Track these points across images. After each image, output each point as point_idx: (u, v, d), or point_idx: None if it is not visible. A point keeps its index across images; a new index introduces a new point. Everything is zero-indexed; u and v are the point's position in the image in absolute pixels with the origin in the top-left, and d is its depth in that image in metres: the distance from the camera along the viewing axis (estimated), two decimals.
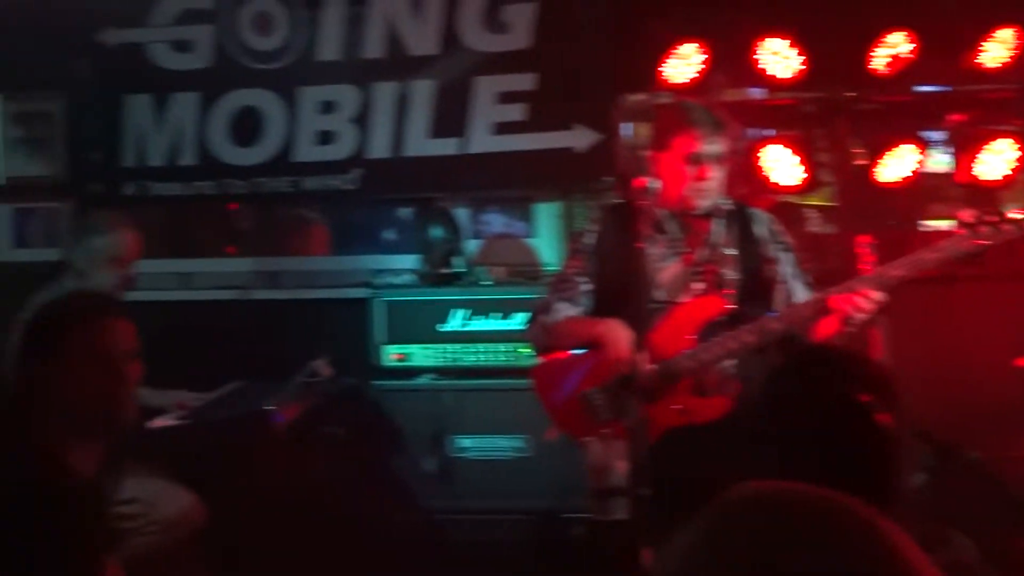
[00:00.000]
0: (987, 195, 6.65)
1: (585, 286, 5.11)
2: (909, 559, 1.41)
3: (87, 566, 3.30)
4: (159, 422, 5.73)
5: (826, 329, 4.77)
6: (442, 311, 6.34)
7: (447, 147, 6.88)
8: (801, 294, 4.98)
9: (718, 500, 1.50)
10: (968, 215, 4.70)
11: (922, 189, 7.60)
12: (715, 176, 4.89)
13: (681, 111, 5.03)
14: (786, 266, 5.03)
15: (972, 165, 6.42)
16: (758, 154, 6.47)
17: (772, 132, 6.61)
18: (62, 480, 3.30)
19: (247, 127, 7.09)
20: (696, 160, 4.83)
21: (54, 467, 3.32)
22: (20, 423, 3.46)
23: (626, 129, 7.16)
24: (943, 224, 7.34)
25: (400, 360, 6.38)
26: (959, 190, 7.08)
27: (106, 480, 3.59)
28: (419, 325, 6.38)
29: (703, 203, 4.93)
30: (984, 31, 6.28)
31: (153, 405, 6.00)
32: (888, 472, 2.49)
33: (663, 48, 6.45)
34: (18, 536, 3.19)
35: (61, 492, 3.26)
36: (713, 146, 4.86)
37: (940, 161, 7.51)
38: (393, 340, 6.39)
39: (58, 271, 6.31)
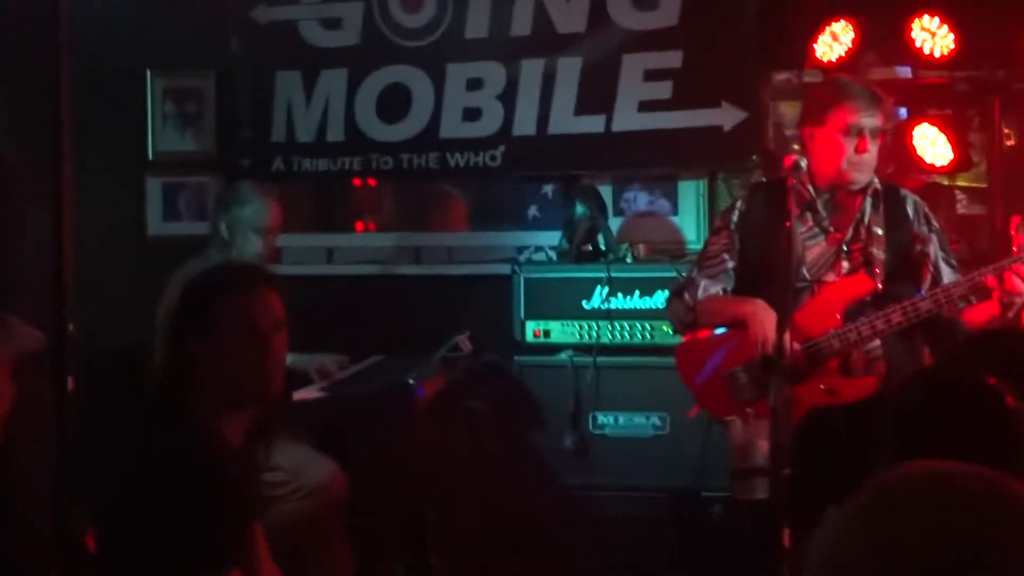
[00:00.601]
0: None
1: (730, 264, 5.08)
2: None
3: (237, 533, 3.36)
4: (302, 394, 5.80)
5: (981, 311, 4.70)
6: (583, 288, 6.32)
7: (592, 125, 6.84)
8: (948, 275, 4.91)
9: (875, 482, 1.46)
10: None
11: None
12: (872, 150, 4.84)
13: (838, 86, 4.99)
14: (934, 247, 4.96)
15: None
16: (908, 133, 6.37)
17: (923, 111, 6.50)
18: (214, 449, 3.36)
19: (394, 103, 7.12)
20: (856, 132, 4.79)
21: (206, 436, 3.38)
22: (174, 393, 3.53)
23: (776, 107, 7.09)
24: None
25: (540, 336, 6.38)
26: None
27: (256, 449, 3.64)
28: (560, 302, 6.37)
29: (861, 177, 4.87)
30: None
31: (296, 368, 6.10)
32: (1011, 458, 2.45)
33: (813, 25, 6.37)
34: (172, 503, 3.26)
35: (213, 461, 3.32)
36: (872, 119, 4.82)
37: None
38: (534, 316, 6.40)
39: (205, 243, 6.43)
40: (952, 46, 6.20)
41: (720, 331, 5.03)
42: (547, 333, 6.37)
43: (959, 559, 1.33)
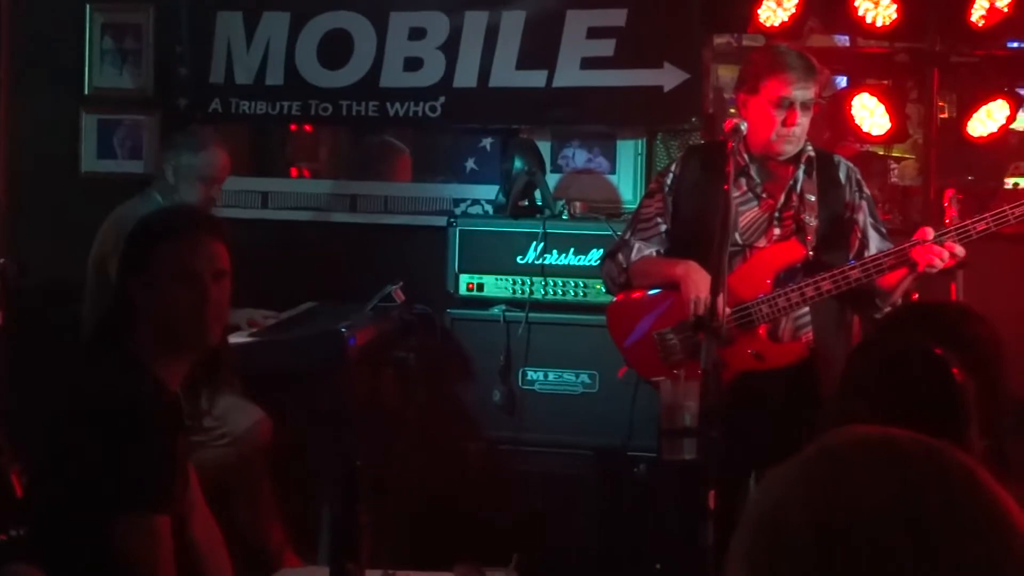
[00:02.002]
0: None
1: (663, 227, 5.11)
2: (1010, 509, 1.40)
3: (167, 479, 3.36)
4: (232, 339, 5.78)
5: (895, 276, 4.75)
6: (518, 243, 6.32)
7: (534, 79, 6.82)
8: (875, 242, 4.96)
9: (818, 444, 1.48)
10: None
11: (1011, 146, 7.53)
12: (803, 122, 4.86)
13: (773, 54, 5.00)
14: (863, 214, 5.01)
15: None
16: (847, 102, 6.40)
17: (862, 81, 6.54)
18: (148, 394, 3.35)
19: (335, 49, 7.06)
20: (786, 104, 4.81)
21: (141, 380, 3.37)
22: (112, 335, 3.51)
23: (716, 70, 7.11)
24: None
25: (473, 290, 6.38)
26: None
27: (197, 397, 3.63)
28: (495, 256, 6.36)
29: (789, 148, 4.91)
30: None
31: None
32: (956, 429, 2.49)
33: None
34: (101, 446, 3.25)
35: (146, 405, 3.32)
36: (804, 91, 4.84)
37: None
38: (468, 270, 6.39)
39: (146, 183, 6.38)
40: (894, 16, 6.23)
41: (652, 292, 5.06)
42: (480, 287, 6.37)
43: (900, 524, 1.34)
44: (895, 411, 2.42)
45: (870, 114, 6.36)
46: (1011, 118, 6.36)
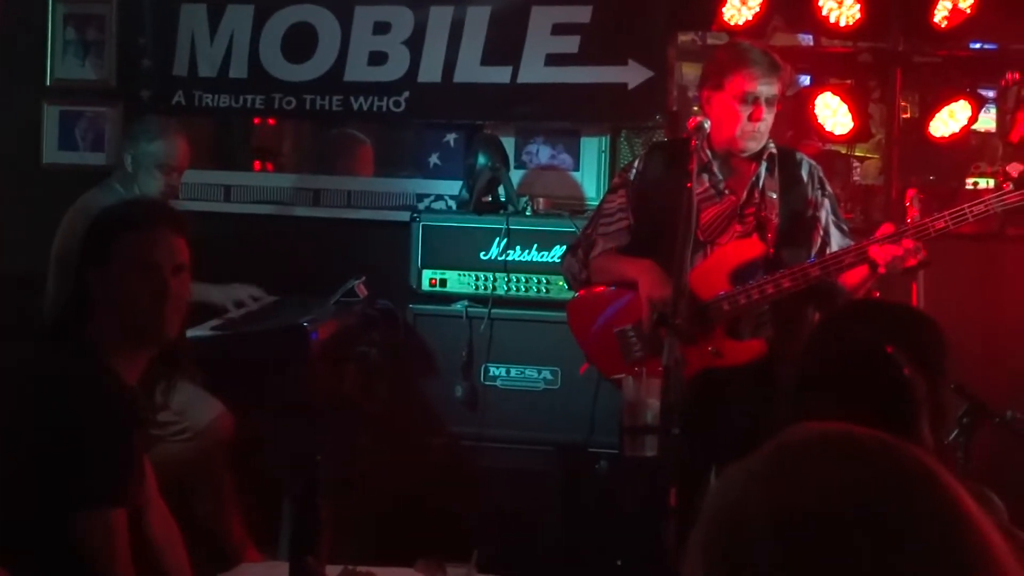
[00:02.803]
0: None
1: (625, 223, 5.11)
2: (965, 503, 1.41)
3: (122, 473, 3.34)
4: (194, 332, 5.76)
5: (855, 273, 4.78)
6: (482, 239, 6.32)
7: (498, 75, 6.83)
8: (837, 240, 4.98)
9: (776, 441, 1.49)
10: (1015, 169, 4.68)
11: (969, 146, 7.56)
12: (767, 118, 4.88)
13: (738, 51, 5.01)
14: (825, 212, 5.03)
15: None
16: (810, 101, 6.42)
17: (825, 80, 6.56)
18: (105, 386, 3.34)
19: (299, 43, 7.05)
20: (751, 100, 4.83)
21: (98, 373, 3.36)
22: (71, 326, 3.50)
23: (680, 68, 7.12)
24: (990, 182, 7.31)
25: (436, 285, 6.38)
26: (1009, 149, 7.03)
27: (153, 391, 3.62)
28: (458, 252, 6.36)
29: (753, 145, 4.93)
30: None
31: (211, 300, 6.08)
32: (906, 425, 2.51)
33: None
34: (57, 438, 3.24)
35: (102, 398, 3.30)
36: (769, 87, 4.85)
37: (992, 119, 7.47)
38: (431, 265, 6.39)
39: (108, 175, 6.35)
40: (857, 16, 6.25)
41: (612, 289, 5.06)
42: (443, 282, 6.37)
43: (857, 519, 1.35)
44: (850, 408, 2.44)
45: (833, 113, 6.38)
46: (973, 119, 6.39)
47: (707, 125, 4.75)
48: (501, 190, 6.53)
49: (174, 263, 3.49)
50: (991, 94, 7.01)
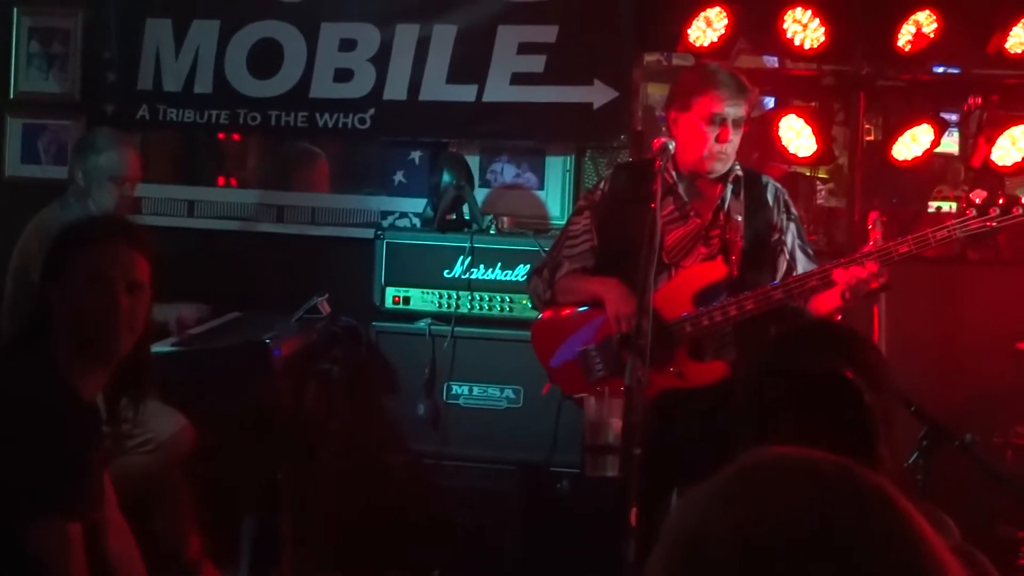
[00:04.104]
0: (997, 180, 6.64)
1: (591, 244, 5.11)
2: (923, 528, 1.42)
3: (78, 487, 3.33)
4: (156, 347, 5.74)
5: (825, 301, 4.79)
6: (445, 257, 6.33)
7: (464, 94, 6.83)
8: (803, 264, 4.99)
9: (736, 464, 1.49)
10: (978, 196, 4.70)
11: (933, 170, 7.61)
12: (734, 140, 4.89)
13: (705, 72, 5.03)
14: (791, 236, 5.04)
15: (987, 149, 6.39)
16: (774, 123, 6.45)
17: (789, 102, 6.59)
18: (62, 402, 3.32)
19: (265, 59, 7.03)
20: (719, 121, 4.83)
21: (56, 388, 3.34)
22: (30, 341, 3.48)
23: (645, 89, 7.14)
24: (952, 205, 7.36)
25: (399, 303, 6.38)
26: (971, 173, 7.08)
27: (117, 408, 3.61)
28: (421, 269, 6.37)
29: (719, 167, 4.93)
30: (1010, 16, 6.24)
31: (154, 319, 6.03)
32: (867, 449, 2.52)
33: (688, 9, 6.42)
34: (11, 451, 3.22)
35: (59, 413, 3.29)
36: (736, 108, 4.86)
37: (955, 143, 7.52)
38: (394, 282, 6.38)
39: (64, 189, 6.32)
40: (822, 39, 6.29)
41: (576, 310, 5.06)
42: (406, 300, 6.37)
43: (817, 544, 1.35)
44: (810, 432, 2.45)
45: (797, 135, 6.41)
46: (935, 142, 6.42)
47: (672, 146, 4.75)
48: (465, 208, 6.54)
49: (129, 279, 3.47)
50: (954, 118, 7.05)
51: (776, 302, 4.77)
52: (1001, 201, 4.66)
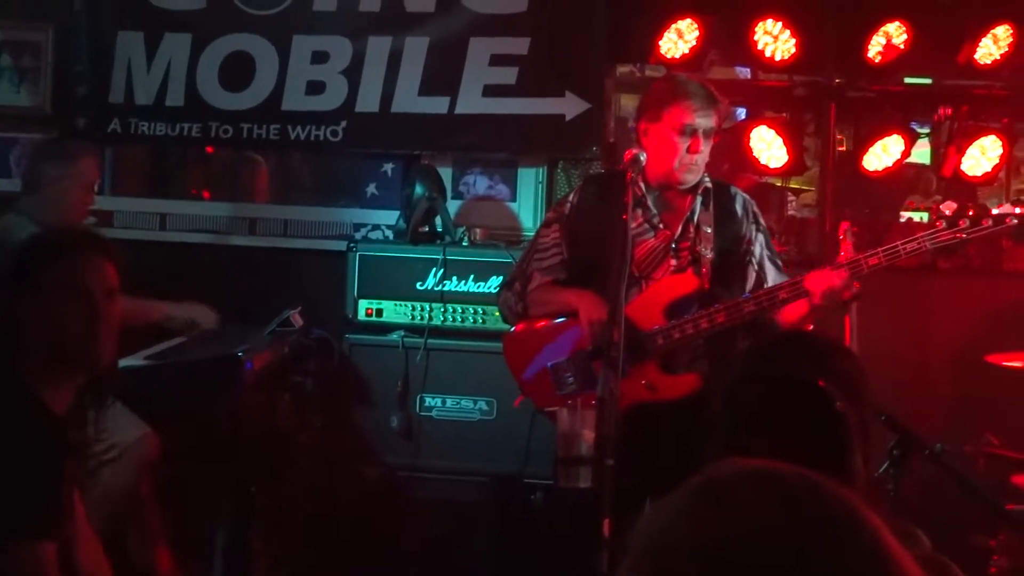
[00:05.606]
0: (968, 189, 6.67)
1: (561, 256, 5.10)
2: (888, 541, 1.42)
3: (51, 506, 3.30)
4: (127, 361, 5.71)
5: (793, 309, 4.80)
6: (418, 269, 6.32)
7: (436, 106, 6.84)
8: (773, 276, 4.99)
9: (703, 476, 1.49)
10: (948, 207, 4.72)
11: (905, 180, 7.64)
12: (705, 151, 4.89)
13: (676, 84, 5.03)
14: (760, 247, 5.04)
15: (957, 159, 6.43)
16: (746, 134, 6.47)
17: (760, 113, 6.61)
18: (32, 418, 3.30)
19: (237, 72, 7.03)
20: (689, 132, 4.83)
21: (25, 404, 3.31)
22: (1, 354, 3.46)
23: (617, 100, 7.16)
24: (924, 216, 7.39)
25: (372, 315, 6.37)
26: (943, 183, 7.11)
27: (83, 419, 3.59)
28: (394, 281, 6.36)
29: (690, 177, 4.93)
30: (979, 27, 6.27)
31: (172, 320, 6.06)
32: (841, 459, 2.52)
33: (659, 21, 6.44)
34: None
35: (29, 430, 3.26)
36: (706, 119, 4.86)
37: (925, 153, 7.55)
38: (367, 295, 6.38)
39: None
40: (793, 51, 6.32)
41: (547, 323, 5.05)
42: (379, 312, 6.36)
43: (782, 558, 1.36)
44: (783, 444, 2.44)
45: (768, 146, 6.43)
46: (906, 153, 6.46)
47: (643, 158, 4.75)
48: (438, 220, 6.54)
49: (105, 287, 3.46)
50: (926, 129, 7.09)
51: (747, 315, 4.77)
52: (971, 213, 4.67)
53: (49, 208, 5.97)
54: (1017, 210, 4.70)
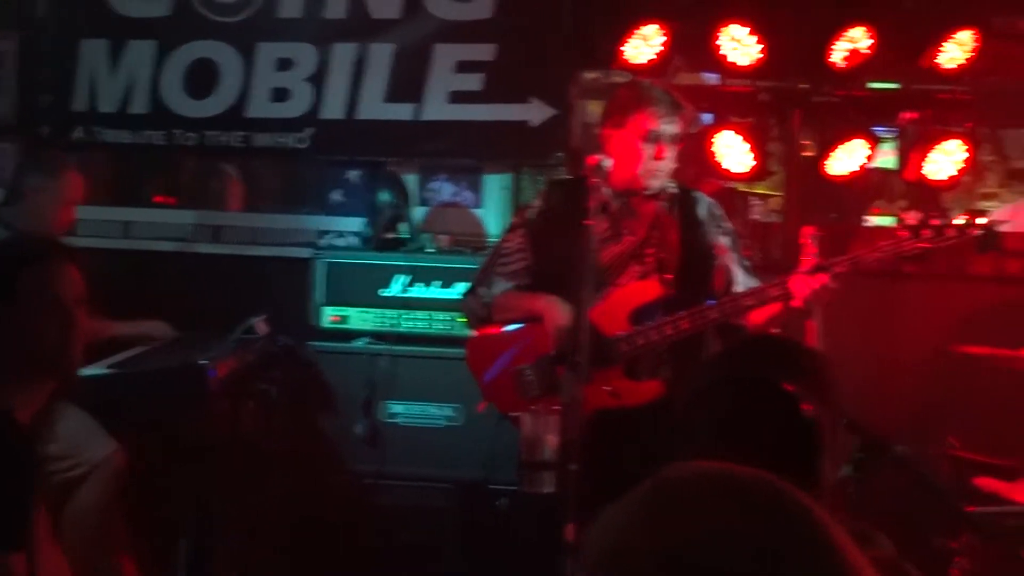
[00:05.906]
0: (932, 194, 6.69)
1: (525, 262, 5.09)
2: (844, 548, 1.42)
3: (20, 516, 3.28)
4: (90, 370, 5.68)
5: (762, 314, 4.80)
6: (383, 276, 6.32)
7: (402, 112, 6.84)
8: (742, 280, 4.99)
9: (657, 478, 1.48)
10: (912, 217, 4.72)
11: (869, 184, 7.66)
12: (669, 157, 4.89)
13: (639, 90, 5.02)
14: (728, 251, 5.04)
15: (921, 164, 6.44)
16: (710, 139, 6.47)
17: (725, 119, 6.61)
18: (4, 426, 3.28)
19: (201, 79, 7.03)
20: (654, 138, 4.83)
21: None
22: None
23: (582, 106, 7.15)
24: (888, 220, 7.40)
25: (337, 322, 6.36)
26: (906, 187, 7.13)
27: (40, 427, 3.57)
28: (359, 288, 6.35)
29: (655, 183, 4.93)
30: (943, 32, 6.29)
31: (123, 335, 6.03)
32: (809, 463, 2.51)
33: (624, 27, 6.43)
34: None
35: (2, 439, 3.24)
36: (671, 126, 4.86)
37: (889, 158, 7.56)
38: (332, 302, 6.37)
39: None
40: (759, 56, 6.32)
41: (509, 328, 5.05)
42: (344, 319, 6.35)
43: (739, 558, 1.35)
44: (749, 448, 2.44)
45: (733, 152, 6.43)
46: (870, 157, 6.46)
47: (607, 164, 4.74)
48: (403, 227, 6.53)
49: (76, 295, 3.46)
50: (891, 133, 7.10)
51: (711, 321, 4.78)
52: (934, 222, 4.69)
53: (29, 219, 5.97)
54: (980, 220, 4.72)
